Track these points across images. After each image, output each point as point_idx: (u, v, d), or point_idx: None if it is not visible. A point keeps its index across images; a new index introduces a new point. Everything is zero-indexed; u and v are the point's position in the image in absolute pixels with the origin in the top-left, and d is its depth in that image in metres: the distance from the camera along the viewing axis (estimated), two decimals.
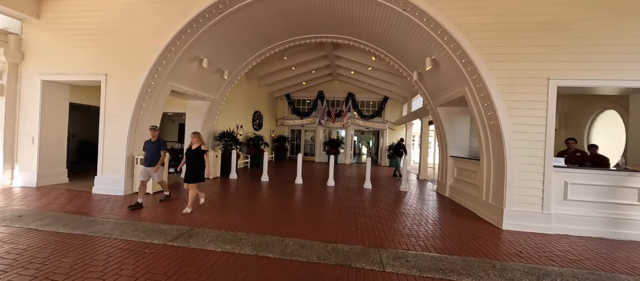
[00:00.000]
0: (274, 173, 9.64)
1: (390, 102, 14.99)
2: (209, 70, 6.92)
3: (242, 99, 11.21)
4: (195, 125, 7.96)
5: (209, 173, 4.79)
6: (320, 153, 15.62)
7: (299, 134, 16.27)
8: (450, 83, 5.58)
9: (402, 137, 12.87)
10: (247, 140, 11.40)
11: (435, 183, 8.82)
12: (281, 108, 16.04)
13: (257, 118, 12.62)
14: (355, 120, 15.21)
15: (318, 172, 10.84)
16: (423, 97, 7.49)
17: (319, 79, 14.82)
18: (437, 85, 6.29)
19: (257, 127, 12.60)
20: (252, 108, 12.27)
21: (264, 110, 13.69)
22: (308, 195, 6.27)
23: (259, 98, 13.02)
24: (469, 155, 6.81)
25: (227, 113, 9.88)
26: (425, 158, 10.02)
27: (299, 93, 15.79)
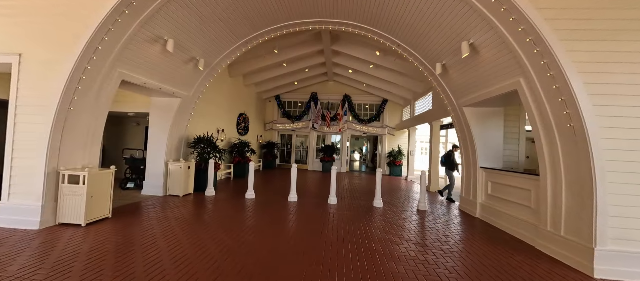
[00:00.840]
0: (261, 187, 8.05)
1: (390, 105, 13.82)
2: (177, 57, 5.35)
3: (225, 99, 9.61)
4: (162, 127, 6.30)
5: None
6: (313, 161, 14.15)
7: (290, 140, 14.75)
8: (494, 75, 4.33)
9: (455, 143, 11.64)
10: (230, 146, 9.77)
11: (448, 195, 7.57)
12: (270, 110, 14.49)
13: (243, 122, 11.01)
14: (352, 124, 13.90)
15: (313, 183, 9.35)
16: (444, 95, 6.24)
17: (313, 79, 13.45)
18: (468, 79, 5.04)
19: (242, 131, 10.99)
20: (237, 110, 10.67)
21: (250, 112, 12.10)
22: (307, 222, 4.77)
23: (244, 98, 11.44)
24: (503, 166, 5.58)
25: (204, 114, 8.25)
26: (435, 168, 8.79)
27: (290, 94, 14.33)
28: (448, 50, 5.03)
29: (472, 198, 5.75)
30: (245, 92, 11.49)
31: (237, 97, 10.64)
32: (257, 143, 13.24)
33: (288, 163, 14.59)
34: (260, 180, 9.55)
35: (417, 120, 10.73)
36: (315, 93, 13.90)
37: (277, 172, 12.13)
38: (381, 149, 13.99)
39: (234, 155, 9.70)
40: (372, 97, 13.91)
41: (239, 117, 10.72)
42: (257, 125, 13.34)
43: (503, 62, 3.99)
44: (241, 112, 10.92)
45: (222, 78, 9.23)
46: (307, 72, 11.90)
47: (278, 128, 14.28)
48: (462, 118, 5.84)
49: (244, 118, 11.05)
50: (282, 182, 9.19)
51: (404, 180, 11.50)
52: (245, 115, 11.23)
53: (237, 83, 10.52)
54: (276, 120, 14.39)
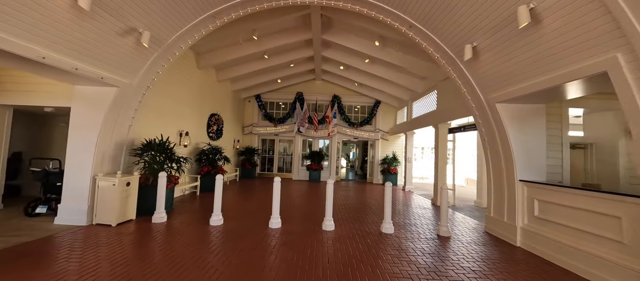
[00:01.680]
0: (235, 205, 6.34)
1: (383, 107, 12.63)
2: (105, 24, 3.64)
3: (191, 95, 7.83)
4: (88, 128, 4.47)
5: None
6: (298, 169, 12.54)
7: (272, 145, 13.07)
8: (564, 53, 3.08)
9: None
10: (198, 153, 7.95)
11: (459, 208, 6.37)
12: (250, 112, 12.76)
13: (215, 124, 9.22)
14: (342, 128, 12.53)
15: (300, 197, 7.76)
16: (467, 90, 4.99)
17: (299, 77, 11.95)
18: (513, 64, 3.79)
19: (214, 135, 9.18)
20: (207, 109, 8.88)
21: (225, 113, 10.32)
22: (298, 271, 3.20)
23: (218, 96, 9.67)
24: (547, 179, 4.38)
25: (161, 113, 6.44)
26: (442, 177, 7.56)
27: (273, 94, 12.71)
28: (486, 25, 3.77)
29: (509, 220, 4.48)
30: (219, 89, 9.73)
31: (209, 94, 8.87)
32: (233, 149, 11.43)
33: (270, 172, 12.87)
34: (235, 194, 7.80)
35: (417, 124, 9.55)
36: (301, 93, 12.40)
37: (257, 183, 10.40)
38: (373, 155, 12.71)
39: (202, 164, 7.89)
40: (364, 99, 12.66)
41: (211, 118, 8.93)
42: (234, 129, 11.55)
43: (587, 31, 2.74)
44: (213, 113, 9.14)
45: (187, 69, 7.47)
46: (293, 67, 10.40)
47: (259, 132, 12.56)
48: (493, 118, 4.60)
49: (217, 120, 9.27)
50: (263, 196, 7.51)
51: (401, 191, 10.23)
52: (219, 116, 9.45)
53: (208, 77, 8.77)
54: (256, 123, 12.68)
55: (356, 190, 9.86)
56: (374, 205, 7.04)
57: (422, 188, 11.44)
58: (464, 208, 7.34)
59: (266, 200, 7.02)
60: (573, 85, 3.28)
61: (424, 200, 8.18)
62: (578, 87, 3.38)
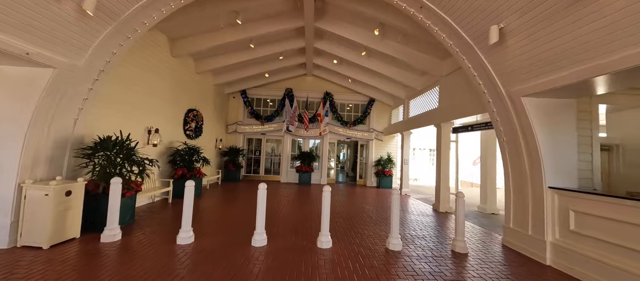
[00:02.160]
0: (213, 215, 5.40)
1: (377, 106, 11.99)
2: None
3: (163, 86, 6.79)
4: (12, 118, 3.43)
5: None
6: (287, 171, 11.66)
7: (259, 145, 12.11)
8: (629, 29, 2.44)
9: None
10: (172, 154, 6.90)
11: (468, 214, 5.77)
12: (234, 109, 11.74)
13: (193, 121, 8.18)
14: (334, 127, 11.77)
15: (290, 204, 6.90)
16: (484, 83, 4.34)
17: (288, 71, 11.08)
18: (552, 47, 3.14)
19: (191, 133, 8.14)
20: (184, 104, 7.84)
21: (206, 109, 9.29)
22: None
23: (197, 90, 8.64)
24: (578, 186, 3.79)
25: (123, 105, 5.40)
26: (445, 181, 6.95)
27: (260, 90, 11.76)
28: (517, 1, 3.10)
29: (535, 234, 3.85)
30: (199, 82, 8.70)
31: (186, 86, 7.84)
32: (215, 149, 10.38)
33: (256, 174, 11.90)
34: (215, 200, 6.83)
35: (415, 123, 8.94)
36: (290, 89, 11.53)
37: (241, 187, 9.42)
38: (366, 156, 12.03)
39: (176, 166, 6.86)
40: (357, 96, 11.96)
41: (188, 114, 7.89)
42: (216, 127, 10.51)
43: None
44: (191, 108, 8.10)
45: (159, 56, 6.44)
46: (282, 60, 9.52)
47: (244, 131, 11.56)
48: (516, 114, 3.97)
49: (196, 116, 8.23)
50: (247, 202, 6.59)
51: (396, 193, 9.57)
52: (198, 112, 8.41)
53: (185, 67, 7.73)
54: (242, 120, 11.67)
55: (349, 194, 9.11)
56: (373, 213, 6.30)
57: (418, 191, 10.88)
58: (467, 214, 6.75)
59: (251, 207, 6.12)
60: (620, 75, 2.66)
61: (424, 206, 7.54)
62: (623, 78, 2.77)
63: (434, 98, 7.74)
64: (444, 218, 6.15)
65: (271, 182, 11.26)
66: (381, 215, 6.14)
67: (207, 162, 7.39)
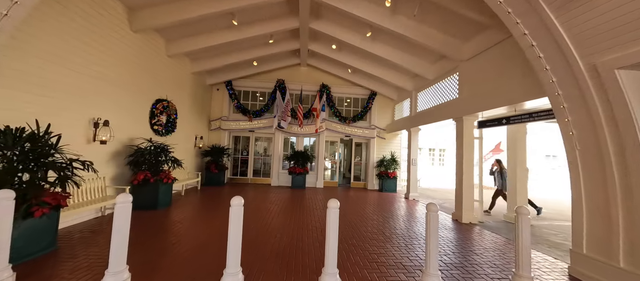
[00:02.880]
0: (171, 238, 4.03)
1: (379, 101, 10.80)
2: None
3: (120, 68, 5.39)
4: None
5: None
6: (278, 173, 10.33)
7: (247, 143, 10.73)
8: None
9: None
10: (133, 154, 5.46)
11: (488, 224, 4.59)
12: (218, 102, 10.32)
13: (163, 113, 6.75)
14: (332, 123, 10.51)
15: (281, 216, 5.60)
16: (545, 55, 3.15)
17: (280, 60, 9.76)
18: None
19: (161, 128, 6.71)
20: (151, 91, 6.43)
21: (182, 100, 7.88)
22: None
23: (170, 77, 7.23)
24: None
25: (49, 87, 3.97)
26: (468, 186, 5.79)
27: (248, 81, 10.39)
28: None
29: (631, 267, 2.67)
30: (171, 67, 7.28)
31: (153, 71, 6.42)
32: (194, 148, 8.96)
33: (244, 177, 10.52)
34: (186, 213, 5.46)
35: (424, 118, 7.77)
36: (282, 81, 10.21)
37: (225, 192, 8.05)
38: (367, 156, 10.82)
39: (137, 169, 5.44)
40: (357, 89, 10.74)
41: (156, 106, 6.46)
42: (196, 122, 9.09)
43: None
44: (161, 98, 6.67)
45: (111, 28, 5.02)
46: (272, 44, 8.18)
47: (230, 128, 10.17)
48: (601, 96, 2.79)
49: (166, 108, 6.79)
50: (224, 217, 5.26)
51: (404, 199, 8.42)
52: (170, 103, 6.98)
53: (151, 47, 6.31)
54: (227, 116, 10.27)
55: (350, 199, 7.86)
56: (382, 224, 5.07)
57: (426, 195, 9.73)
58: (494, 225, 5.61)
59: (219, 232, 4.78)
60: None
61: (442, 215, 6.37)
62: None
63: (452, 88, 6.58)
64: (472, 233, 4.97)
65: (261, 185, 9.91)
66: (393, 227, 4.91)
67: (178, 163, 5.99)
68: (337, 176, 11.07)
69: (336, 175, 11.10)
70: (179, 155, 7.42)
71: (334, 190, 9.56)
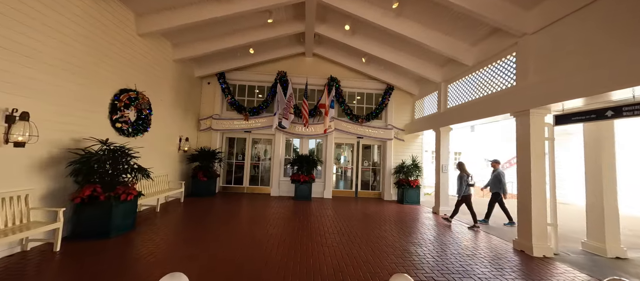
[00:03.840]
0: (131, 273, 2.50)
1: (397, 96, 9.27)
2: None
3: (61, 45, 3.92)
4: None
5: None
6: (279, 181, 8.80)
7: (243, 146, 9.23)
8: None
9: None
10: (81, 160, 3.93)
11: (564, 254, 3.05)
12: (209, 99, 8.85)
13: (130, 107, 5.23)
14: (341, 122, 8.99)
15: (279, 246, 4.06)
16: None
17: (281, 48, 8.29)
18: None
19: (128, 126, 5.19)
20: (113, 80, 4.97)
21: (161, 93, 6.42)
22: None
23: (143, 63, 5.77)
24: None
25: None
26: (539, 204, 4.20)
27: (244, 73, 8.92)
28: None
29: None
30: (144, 51, 5.82)
31: (116, 53, 4.96)
32: (178, 152, 7.46)
33: (239, 185, 9.00)
34: (153, 240, 3.95)
35: (463, 114, 6.23)
36: (284, 73, 8.72)
37: (215, 205, 6.53)
38: (383, 161, 9.27)
39: (83, 181, 3.93)
40: (370, 84, 9.22)
41: (119, 97, 4.95)
42: (181, 121, 7.61)
43: None
44: (126, 88, 5.17)
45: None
46: (271, 25, 6.72)
47: (222, 128, 8.67)
48: None
49: (134, 101, 5.27)
50: (210, 243, 3.71)
51: (431, 213, 6.85)
52: (140, 95, 5.46)
53: (113, 21, 4.85)
54: (219, 114, 8.79)
55: (368, 217, 6.29)
56: (428, 264, 3.51)
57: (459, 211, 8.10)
58: (576, 259, 4.02)
59: (220, 255, 3.26)
60: None
61: (494, 240, 4.80)
62: None
63: (505, 73, 5.04)
64: (557, 276, 3.39)
65: (258, 195, 8.39)
66: (448, 267, 3.34)
67: (144, 173, 4.47)
68: (352, 184, 9.48)
69: (351, 183, 9.51)
70: (154, 160, 5.94)
71: (346, 202, 8.00)
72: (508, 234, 5.31)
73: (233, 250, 3.73)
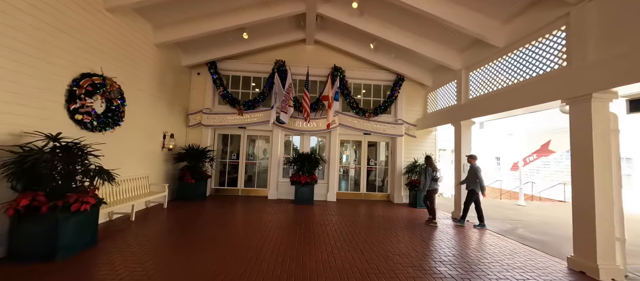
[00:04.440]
0: None
1: (407, 88, 8.37)
2: None
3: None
4: None
5: None
6: (277, 182, 7.92)
7: (237, 142, 8.33)
8: None
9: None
10: (17, 159, 3.04)
11: None
12: (199, 91, 7.94)
13: (94, 94, 4.32)
14: (346, 117, 8.10)
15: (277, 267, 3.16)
16: None
17: (278, 33, 7.40)
18: None
19: (93, 119, 4.28)
20: (75, 62, 4.07)
21: (138, 82, 5.52)
22: None
23: (113, 44, 4.87)
24: None
25: None
26: (604, 211, 3.31)
27: (238, 63, 8.01)
28: None
29: None
30: (115, 30, 4.91)
31: (79, 30, 4.06)
32: (162, 150, 6.56)
33: (233, 187, 8.11)
34: (112, 263, 3.05)
35: (492, 104, 5.34)
36: (282, 62, 7.82)
37: (204, 212, 5.64)
38: (391, 160, 8.38)
39: (22, 186, 3.03)
40: (378, 74, 8.32)
41: (79, 83, 4.04)
42: (166, 114, 6.71)
43: None
44: (89, 72, 4.25)
45: None
46: (267, 3, 5.81)
47: (213, 123, 7.77)
48: None
49: (101, 88, 4.36)
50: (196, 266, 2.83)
51: (450, 220, 5.98)
52: (109, 82, 4.55)
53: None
54: (210, 108, 7.89)
55: (375, 223, 5.41)
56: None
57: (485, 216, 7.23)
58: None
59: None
60: None
61: (540, 258, 3.92)
62: None
63: (548, 53, 4.14)
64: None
65: (254, 199, 7.50)
66: None
67: (106, 176, 3.57)
68: (358, 185, 8.60)
69: (358, 184, 8.63)
70: (130, 160, 5.06)
71: (353, 207, 7.12)
72: (550, 246, 4.44)
73: (215, 276, 2.85)
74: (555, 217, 6.99)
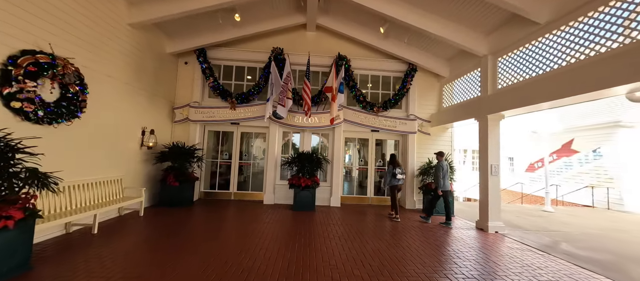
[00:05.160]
0: None
1: (419, 80, 7.47)
2: None
3: None
4: None
5: None
6: (274, 185, 7.04)
7: (230, 140, 7.46)
8: None
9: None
10: None
11: None
12: (187, 82, 7.07)
13: (40, 74, 3.47)
14: (351, 111, 7.22)
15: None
16: None
17: (276, 16, 6.54)
18: None
19: (38, 108, 3.42)
20: (13, 33, 3.18)
21: (108, 67, 4.68)
22: None
23: (76, 18, 4.03)
24: None
25: None
26: None
27: (230, 52, 7.13)
28: None
29: None
30: (81, 4, 4.05)
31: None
32: (141, 148, 5.69)
33: (224, 190, 7.24)
34: None
35: (534, 93, 4.44)
36: (280, 50, 6.94)
37: (189, 219, 4.77)
38: (403, 160, 7.48)
39: None
40: (386, 64, 7.44)
41: (16, 61, 3.18)
42: (146, 108, 5.85)
43: None
44: (32, 49, 3.39)
45: None
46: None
47: (201, 118, 6.89)
48: None
49: (51, 68, 3.48)
50: None
51: (474, 230, 5.08)
52: (61, 62, 3.67)
53: None
54: (199, 101, 7.02)
55: (388, 237, 4.51)
56: None
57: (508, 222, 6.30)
58: None
59: None
60: None
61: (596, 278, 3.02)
62: None
63: (614, 26, 3.23)
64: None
65: (248, 204, 6.63)
66: None
67: (38, 182, 2.70)
68: (365, 188, 7.71)
69: (364, 187, 7.74)
70: (97, 159, 4.19)
71: (360, 214, 6.22)
72: (611, 269, 3.54)
73: None
74: (595, 226, 6.08)
